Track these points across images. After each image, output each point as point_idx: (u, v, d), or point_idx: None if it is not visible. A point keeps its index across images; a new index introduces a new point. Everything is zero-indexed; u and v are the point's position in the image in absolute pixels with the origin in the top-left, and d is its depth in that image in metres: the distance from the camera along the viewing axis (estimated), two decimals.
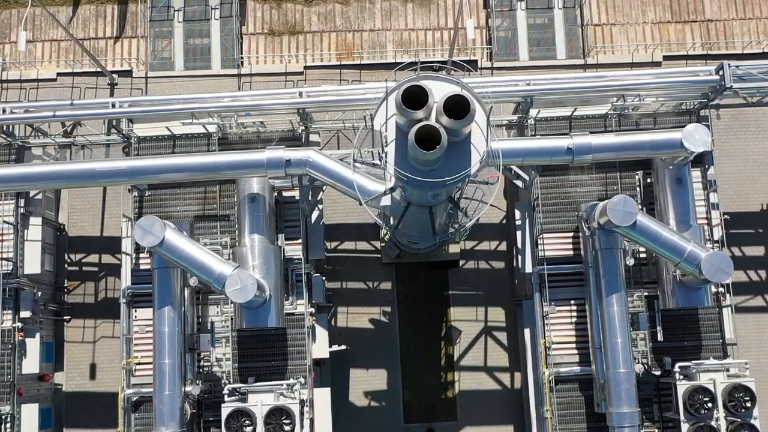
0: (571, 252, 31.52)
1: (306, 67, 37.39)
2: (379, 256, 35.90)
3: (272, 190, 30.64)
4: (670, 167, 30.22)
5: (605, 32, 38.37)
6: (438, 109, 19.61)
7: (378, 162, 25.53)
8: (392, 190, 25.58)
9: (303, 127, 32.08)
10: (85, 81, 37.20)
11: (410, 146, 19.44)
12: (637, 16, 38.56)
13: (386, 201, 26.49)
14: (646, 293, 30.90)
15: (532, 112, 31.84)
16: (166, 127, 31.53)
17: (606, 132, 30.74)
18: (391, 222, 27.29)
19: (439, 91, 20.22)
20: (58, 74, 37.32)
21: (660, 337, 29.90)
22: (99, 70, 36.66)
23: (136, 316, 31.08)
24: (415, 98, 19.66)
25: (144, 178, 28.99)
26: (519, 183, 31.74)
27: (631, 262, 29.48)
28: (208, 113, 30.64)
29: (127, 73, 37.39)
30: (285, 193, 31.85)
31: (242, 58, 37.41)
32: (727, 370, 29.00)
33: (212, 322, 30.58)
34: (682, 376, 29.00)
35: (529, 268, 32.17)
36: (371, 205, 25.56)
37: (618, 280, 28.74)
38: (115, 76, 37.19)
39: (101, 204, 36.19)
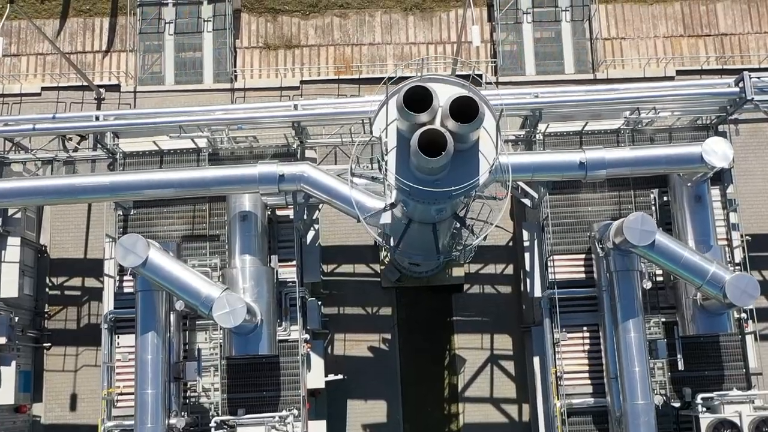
0: (583, 275, 29.69)
1: (302, 82, 35.71)
2: (379, 279, 33.98)
3: (265, 208, 28.87)
4: (689, 184, 28.45)
5: (615, 46, 36.78)
6: (443, 112, 17.85)
7: (378, 174, 23.72)
8: (393, 205, 23.74)
9: (298, 142, 30.36)
10: (71, 96, 35.52)
11: (413, 153, 17.63)
12: (648, 30, 36.98)
13: (386, 218, 24.64)
14: (663, 319, 29.03)
15: (541, 127, 30.09)
16: (153, 142, 29.78)
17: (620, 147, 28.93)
18: (392, 242, 25.36)
19: (443, 94, 18.47)
20: (43, 89, 35.66)
21: (681, 366, 27.91)
22: (86, 84, 34.96)
23: (118, 343, 29.16)
24: (418, 101, 17.92)
25: (128, 194, 27.19)
26: (527, 202, 29.93)
27: (648, 285, 27.59)
28: (198, 126, 28.86)
29: (115, 88, 35.71)
30: (279, 212, 30.08)
31: (235, 71, 35.78)
32: (753, 402, 27.01)
33: (199, 349, 28.57)
34: (704, 409, 27.05)
35: (538, 292, 30.28)
36: (370, 222, 23.70)
37: (635, 305, 26.82)
38: (102, 90, 35.50)
39: (85, 224, 34.31)
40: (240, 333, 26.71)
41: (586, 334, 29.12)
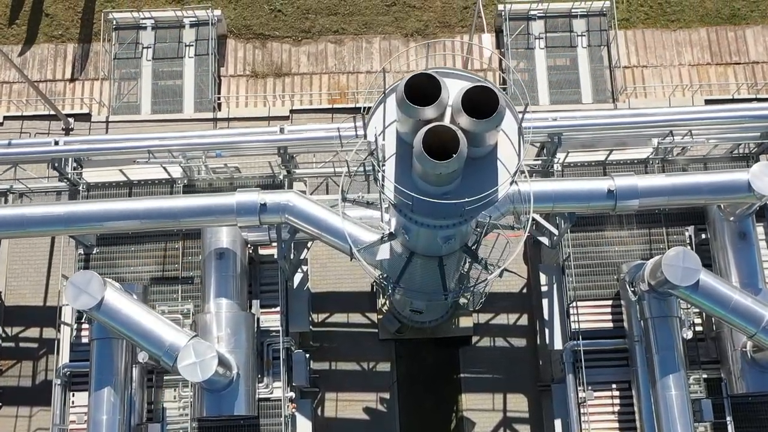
0: (611, 324, 25.89)
1: (293, 111, 32.35)
2: (376, 330, 30.00)
3: (245, 245, 25.26)
4: (731, 219, 24.86)
5: (636, 74, 33.51)
6: (455, 106, 14.36)
7: (374, 198, 20.08)
8: (392, 236, 20.05)
9: (285, 173, 26.83)
10: (36, 126, 32.12)
11: (417, 156, 14.07)
12: (672, 58, 33.77)
13: (384, 252, 20.98)
14: (705, 375, 25.00)
15: (559, 156, 26.59)
16: (120, 171, 26.22)
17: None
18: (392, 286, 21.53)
19: (454, 88, 15.00)
20: (5, 118, 32.29)
21: (731, 430, 23.81)
22: (53, 113, 31.58)
23: (74, 402, 25.18)
24: (422, 96, 14.43)
25: (86, 226, 23.54)
26: (544, 240, 26.24)
27: (688, 334, 23.80)
28: (170, 151, 25.34)
29: (86, 117, 32.31)
30: (262, 251, 26.44)
31: (219, 97, 32.41)
32: None
33: (164, 409, 24.50)
34: None
35: (558, 345, 26.40)
36: (366, 256, 19.97)
37: (675, 357, 23.02)
38: (71, 120, 32.10)
39: (46, 267, 30.53)
40: (213, 390, 22.85)
41: (616, 393, 25.21)
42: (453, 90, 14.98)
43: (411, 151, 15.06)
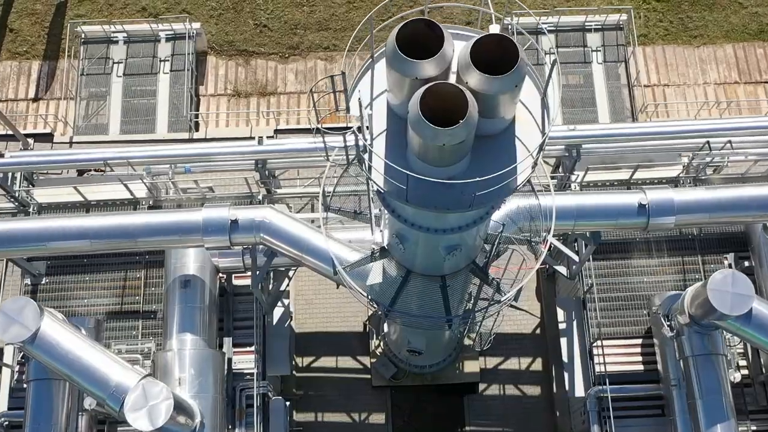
0: (641, 366, 22.16)
1: (277, 131, 29.12)
2: (369, 376, 26.21)
3: (216, 273, 21.75)
4: None
5: (657, 93, 30.43)
6: (462, 61, 11.09)
7: (362, 206, 16.65)
8: (384, 252, 16.55)
9: (265, 191, 23.49)
10: None
11: (413, 122, 10.73)
12: (696, 76, 30.73)
13: (375, 275, 17.43)
14: (754, 427, 21.26)
15: (577, 174, 23.26)
16: (75, 188, 22.82)
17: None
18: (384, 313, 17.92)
19: (458, 47, 11.76)
20: None
21: None
22: (11, 133, 28.34)
23: None
24: (419, 51, 11.17)
25: (25, 247, 20.02)
26: (562, 270, 22.82)
27: (736, 377, 20.16)
28: (130, 165, 22.02)
29: (48, 137, 29.07)
30: (236, 281, 22.90)
31: (195, 114, 29.20)
32: None
33: None
34: None
35: (580, 391, 22.71)
36: (352, 274, 16.43)
37: (723, 403, 19.35)
38: (30, 140, 28.82)
39: None
40: None
41: None
42: (459, 48, 11.73)
43: (405, 127, 11.72)
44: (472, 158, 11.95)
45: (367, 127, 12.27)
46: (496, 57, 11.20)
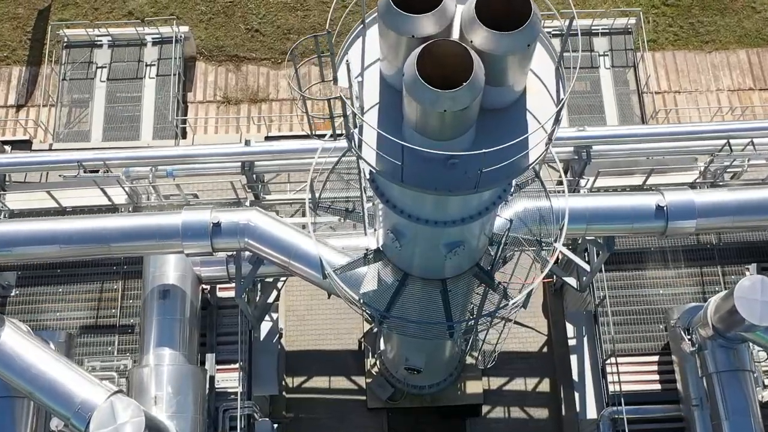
0: (658, 385, 20.49)
1: (268, 138, 27.54)
2: (364, 398, 24.43)
3: (198, 283, 20.12)
4: None
5: (668, 100, 28.99)
6: (466, 17, 9.61)
7: (354, 204, 15.07)
8: (378, 254, 14.94)
9: (252, 197, 21.95)
10: None
11: (409, 85, 9.19)
12: (708, 83, 29.32)
13: (370, 281, 15.78)
14: None
15: (587, 179, 21.73)
16: (49, 193, 21.27)
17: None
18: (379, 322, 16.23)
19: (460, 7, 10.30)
20: None
21: None
22: None
23: None
24: (417, 5, 9.70)
25: None
26: (571, 281, 21.25)
27: (765, 396, 18.46)
28: (106, 165, 20.49)
29: (26, 145, 27.48)
30: (221, 293, 21.24)
31: (182, 120, 27.70)
32: None
33: None
34: None
35: (592, 413, 21.00)
36: (343, 281, 14.79)
37: (752, 424, 17.56)
38: (7, 148, 27.22)
39: None
40: None
41: None
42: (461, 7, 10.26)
43: (400, 101, 10.20)
44: (477, 134, 10.40)
45: (357, 97, 10.64)
46: (505, 13, 9.70)
